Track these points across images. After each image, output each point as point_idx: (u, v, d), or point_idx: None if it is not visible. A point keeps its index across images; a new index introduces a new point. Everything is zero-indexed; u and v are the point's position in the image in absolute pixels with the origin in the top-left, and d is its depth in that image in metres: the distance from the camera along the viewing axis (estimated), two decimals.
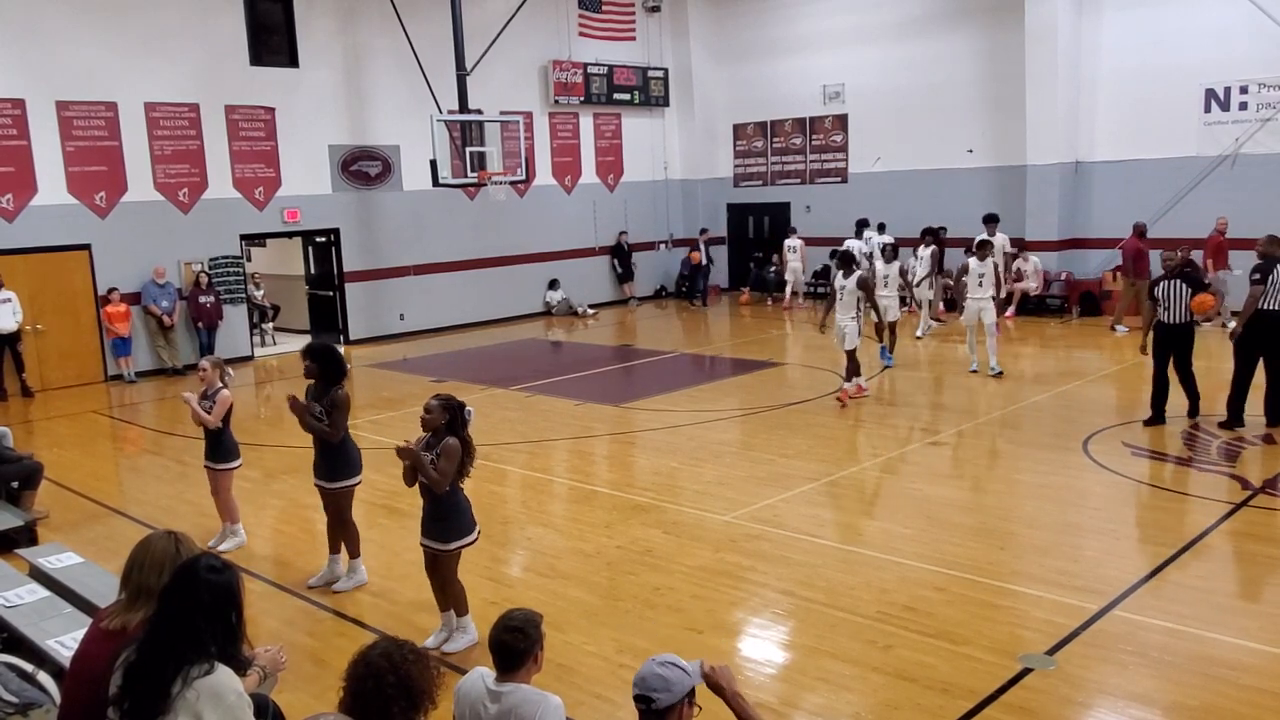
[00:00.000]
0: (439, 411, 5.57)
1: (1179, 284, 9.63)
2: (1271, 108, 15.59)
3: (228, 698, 2.86)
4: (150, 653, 2.90)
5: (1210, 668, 5.17)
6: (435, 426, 5.59)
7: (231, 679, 2.90)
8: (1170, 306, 9.66)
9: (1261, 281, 9.43)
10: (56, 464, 9.93)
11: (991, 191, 18.63)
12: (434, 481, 5.51)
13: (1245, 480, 8.19)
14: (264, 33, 16.67)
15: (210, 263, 16.21)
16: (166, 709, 2.80)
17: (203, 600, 2.94)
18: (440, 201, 18.56)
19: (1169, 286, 9.68)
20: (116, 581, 3.67)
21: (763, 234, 22.73)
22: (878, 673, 5.27)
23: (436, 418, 5.57)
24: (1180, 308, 9.62)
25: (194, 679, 2.82)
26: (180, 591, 2.97)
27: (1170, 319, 9.70)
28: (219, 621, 2.95)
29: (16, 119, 14.17)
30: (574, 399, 12.59)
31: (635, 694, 3.13)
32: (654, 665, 3.14)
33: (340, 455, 6.68)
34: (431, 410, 5.57)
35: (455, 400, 5.65)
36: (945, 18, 18.86)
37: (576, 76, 20.83)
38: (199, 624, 2.90)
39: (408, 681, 2.94)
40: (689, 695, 3.16)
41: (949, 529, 7.38)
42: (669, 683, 3.10)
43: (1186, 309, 9.61)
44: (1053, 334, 16.02)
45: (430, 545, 5.72)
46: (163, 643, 2.89)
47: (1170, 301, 9.65)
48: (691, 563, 6.94)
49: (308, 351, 6.73)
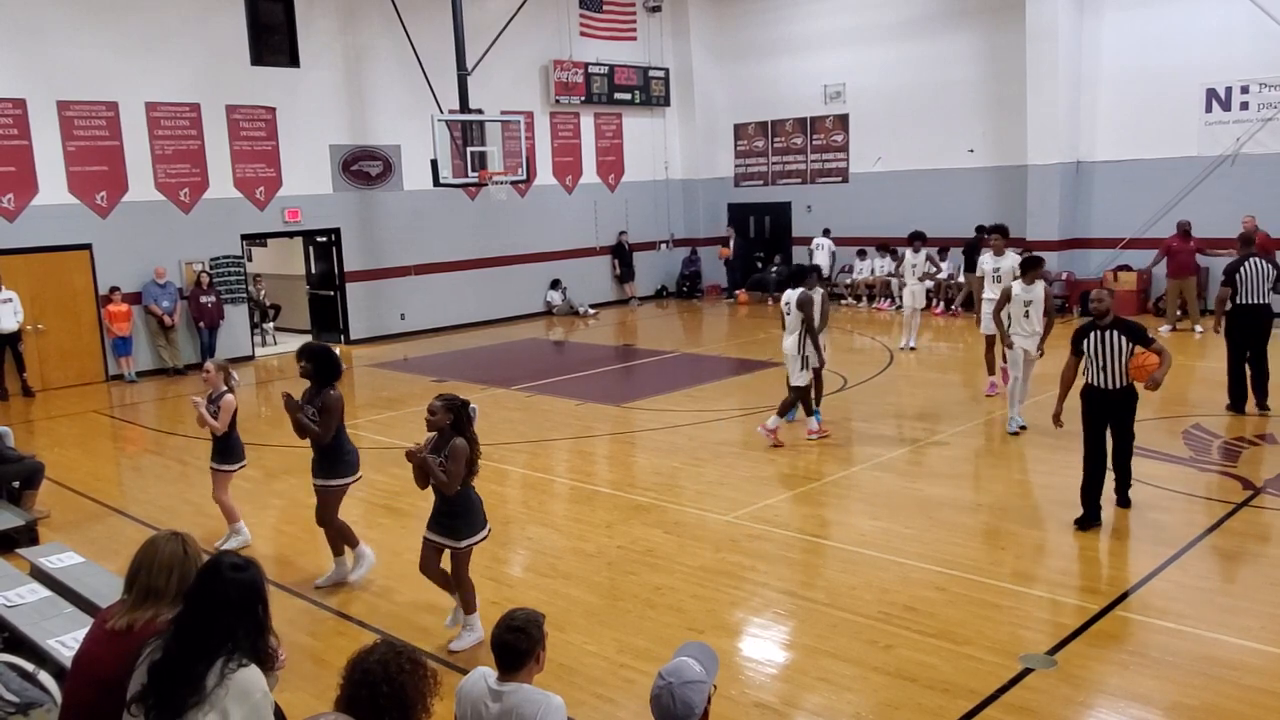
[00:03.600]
0: (443, 412, 5.57)
1: (1115, 336, 7.12)
2: (1272, 107, 15.59)
3: (254, 695, 2.91)
4: (180, 651, 2.94)
5: (1211, 668, 5.17)
6: (440, 427, 5.60)
7: (259, 677, 2.96)
8: (1103, 365, 7.13)
9: (1229, 283, 10.16)
10: (57, 464, 9.94)
11: (992, 191, 18.64)
12: (444, 484, 5.51)
13: (1246, 480, 8.18)
14: (265, 32, 16.68)
15: (211, 262, 16.21)
16: (199, 704, 2.84)
17: (231, 598, 3.01)
18: (441, 201, 18.56)
19: (1100, 339, 7.16)
20: (117, 581, 3.68)
21: (763, 234, 22.73)
22: (878, 673, 5.27)
23: (441, 418, 5.57)
24: (1117, 367, 7.10)
25: (229, 674, 2.88)
26: (208, 591, 3.03)
27: (1103, 381, 7.15)
28: (249, 617, 3.02)
29: (17, 119, 14.17)
30: (575, 399, 12.59)
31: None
32: (676, 688, 2.97)
33: (334, 455, 6.71)
34: (435, 411, 5.57)
35: (459, 399, 5.65)
36: (946, 17, 18.85)
37: (577, 76, 20.83)
38: (229, 621, 2.97)
39: (401, 693, 2.95)
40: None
41: (950, 529, 7.38)
42: (692, 705, 2.97)
43: (1125, 370, 7.12)
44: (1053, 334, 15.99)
45: (442, 542, 5.71)
46: (194, 641, 2.94)
47: (1103, 358, 7.13)
48: (692, 563, 6.94)
49: (303, 352, 6.77)
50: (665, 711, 2.98)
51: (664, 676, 3.02)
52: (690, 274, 23.14)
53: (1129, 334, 7.10)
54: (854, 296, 20.18)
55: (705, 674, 3.05)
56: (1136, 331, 7.12)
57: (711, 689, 3.06)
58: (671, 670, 3.03)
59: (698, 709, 2.98)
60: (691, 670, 3.03)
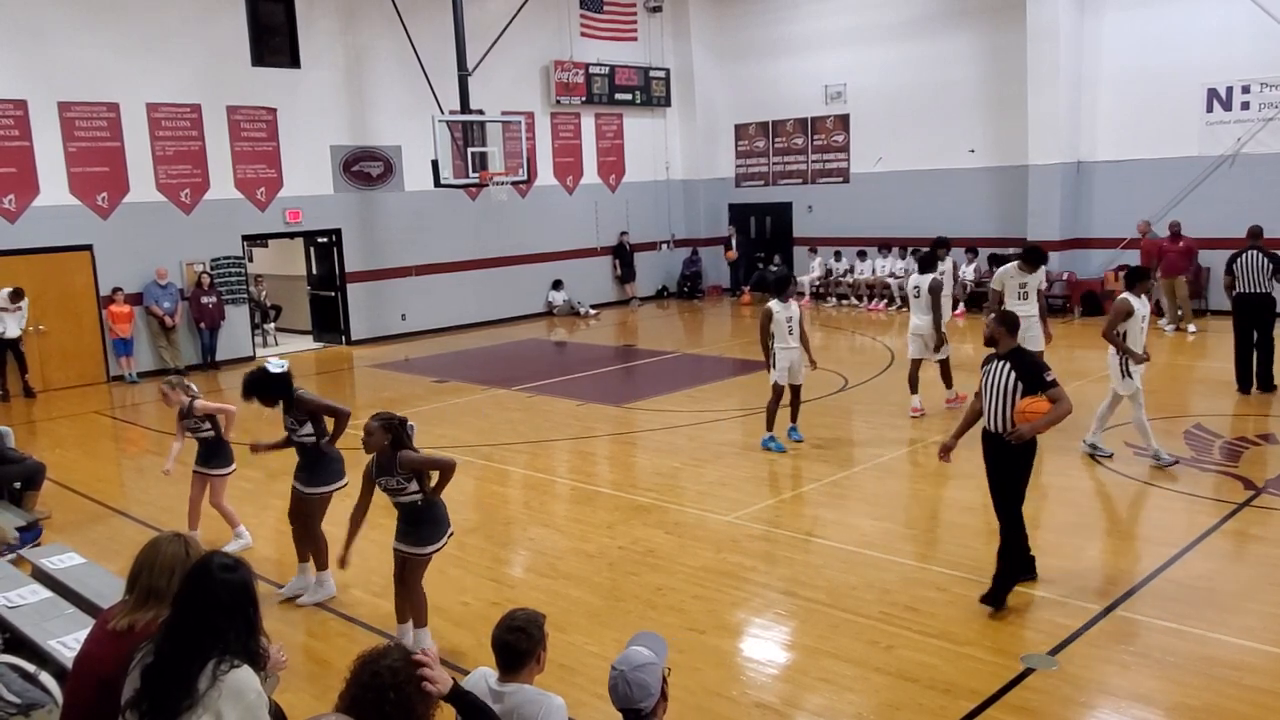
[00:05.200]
0: (380, 432, 5.44)
1: (1006, 371, 5.89)
2: (1273, 107, 15.58)
3: (248, 695, 2.89)
4: (172, 653, 2.93)
5: (1213, 668, 5.16)
6: (379, 447, 5.46)
7: (252, 678, 2.94)
8: (989, 403, 5.98)
9: (1228, 273, 11.28)
10: (59, 464, 9.94)
11: (993, 192, 18.63)
12: (434, 490, 5.49)
13: (1247, 480, 8.18)
14: (265, 33, 16.68)
15: (212, 263, 16.22)
16: (192, 706, 2.83)
17: (221, 599, 2.98)
18: (442, 202, 18.56)
19: (991, 373, 6.02)
20: (119, 582, 3.68)
21: (764, 234, 22.72)
22: (879, 673, 5.26)
23: (379, 438, 5.44)
24: (1002, 408, 5.87)
25: (221, 676, 2.86)
26: (198, 593, 3.01)
27: (991, 423, 6.00)
28: (240, 618, 3.00)
29: (18, 120, 14.18)
30: (576, 399, 12.58)
31: (621, 708, 3.11)
32: (628, 674, 3.10)
33: (320, 460, 6.57)
34: (372, 431, 5.43)
35: (396, 417, 5.53)
36: (947, 18, 18.84)
37: (578, 77, 20.83)
38: (221, 622, 2.94)
39: (408, 704, 2.94)
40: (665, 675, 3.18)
41: (951, 529, 7.38)
42: (648, 687, 3.09)
43: (1010, 415, 5.82)
44: (1055, 334, 15.96)
45: (403, 549, 5.61)
46: (185, 643, 2.92)
47: (989, 395, 5.97)
48: (693, 563, 6.94)
49: (248, 390, 6.59)
50: (623, 698, 3.10)
51: (616, 666, 3.14)
52: (691, 274, 23.14)
53: (1022, 371, 5.82)
54: (855, 296, 20.19)
55: (655, 656, 3.16)
56: (1031, 370, 5.81)
57: (665, 670, 3.17)
58: (622, 659, 3.16)
59: (654, 689, 3.10)
60: (641, 655, 3.15)
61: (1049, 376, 5.79)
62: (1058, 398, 5.73)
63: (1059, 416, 5.73)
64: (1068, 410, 5.75)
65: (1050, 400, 5.73)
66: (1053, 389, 5.74)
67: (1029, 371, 5.82)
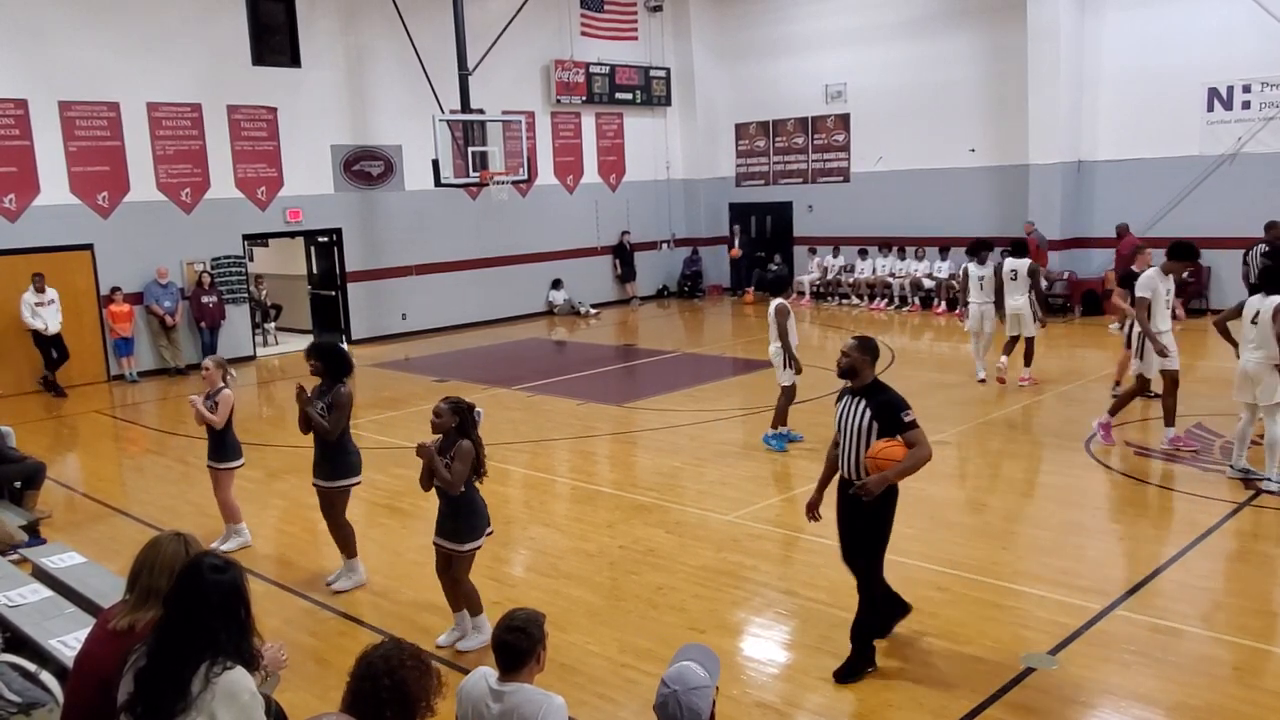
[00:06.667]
0: (448, 414, 5.58)
1: (860, 408, 5.11)
2: (1274, 107, 15.58)
3: (242, 697, 2.88)
4: (163, 656, 2.92)
5: (1213, 667, 5.17)
6: (445, 429, 5.61)
7: (245, 678, 2.93)
8: (845, 445, 5.21)
9: (1245, 264, 12.13)
10: (59, 464, 9.94)
11: (993, 191, 18.63)
12: (447, 483, 5.52)
13: (1247, 479, 8.17)
14: (266, 33, 16.67)
15: (213, 263, 16.22)
16: (186, 709, 2.82)
17: (212, 601, 2.96)
18: (442, 201, 18.56)
19: (844, 409, 5.24)
20: (119, 581, 3.68)
21: (765, 233, 22.72)
22: (879, 672, 5.26)
23: (446, 420, 5.58)
24: (854, 450, 5.14)
25: (214, 678, 2.85)
26: (188, 594, 2.99)
27: (844, 467, 5.26)
28: (231, 619, 2.98)
29: (19, 119, 14.18)
30: (576, 399, 12.59)
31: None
32: (681, 695, 2.94)
33: (339, 455, 6.68)
34: (441, 413, 5.59)
35: (465, 402, 5.66)
36: (947, 17, 18.84)
37: (578, 76, 20.82)
38: (212, 624, 2.93)
39: (403, 687, 2.94)
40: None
41: (951, 529, 7.38)
42: (700, 713, 2.95)
43: (861, 459, 5.09)
44: (1055, 333, 15.99)
45: (445, 545, 5.71)
46: (176, 645, 2.91)
47: (842, 434, 5.22)
48: (694, 562, 6.94)
49: (311, 351, 6.76)
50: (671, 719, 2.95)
51: (668, 684, 2.99)
52: (692, 274, 23.15)
53: (877, 410, 5.03)
54: (857, 296, 20.19)
55: (709, 678, 3.04)
56: (887, 409, 5.01)
57: (714, 691, 3.06)
58: (675, 677, 3.00)
59: (704, 715, 2.96)
60: (695, 676, 3.01)
61: (908, 417, 4.96)
62: (915, 441, 4.94)
63: (915, 465, 4.94)
64: (926, 457, 4.96)
65: (907, 444, 4.95)
66: (911, 431, 4.94)
67: (886, 411, 5.00)
